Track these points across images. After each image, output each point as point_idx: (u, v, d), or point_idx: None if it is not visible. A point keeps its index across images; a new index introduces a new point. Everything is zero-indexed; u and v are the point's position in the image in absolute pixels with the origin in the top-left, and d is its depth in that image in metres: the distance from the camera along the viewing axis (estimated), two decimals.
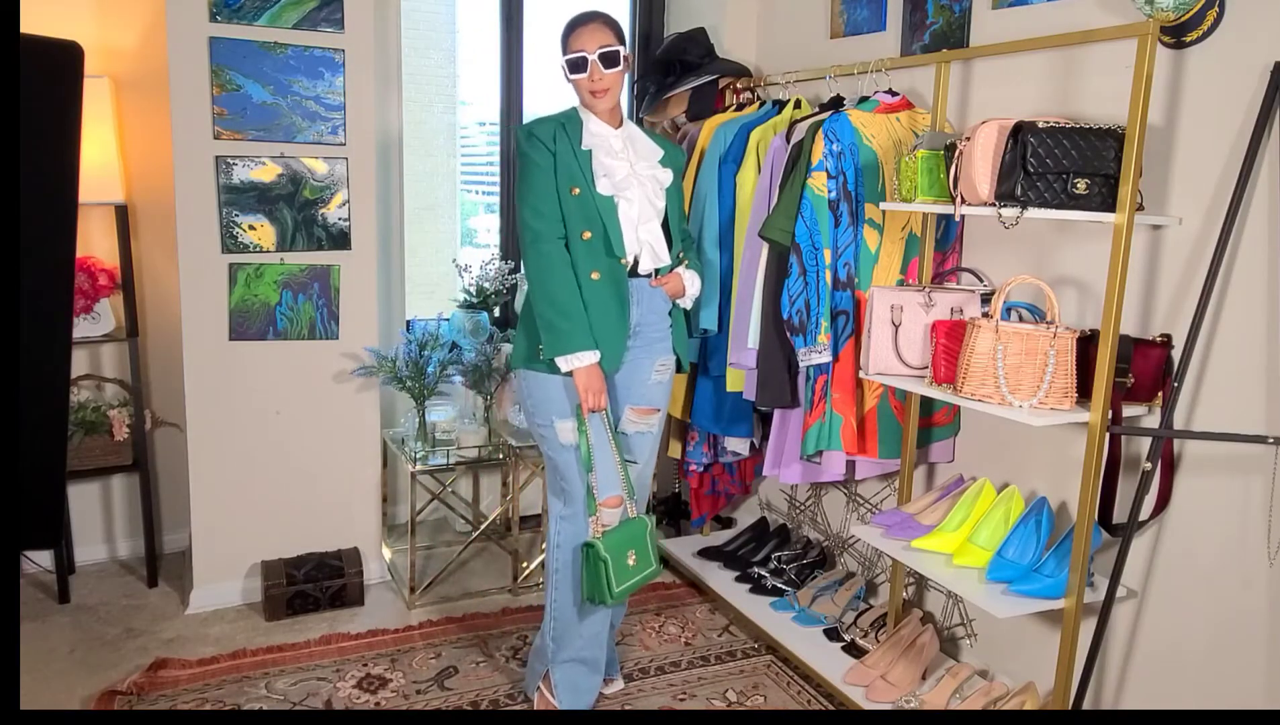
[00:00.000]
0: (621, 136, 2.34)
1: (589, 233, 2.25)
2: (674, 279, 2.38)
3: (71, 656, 2.69)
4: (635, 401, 2.41)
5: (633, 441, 2.45)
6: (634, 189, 2.30)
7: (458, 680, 2.64)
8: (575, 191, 2.24)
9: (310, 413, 3.07)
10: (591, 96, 2.28)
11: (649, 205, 2.32)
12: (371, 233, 3.06)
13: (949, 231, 2.59)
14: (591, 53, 2.23)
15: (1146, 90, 1.88)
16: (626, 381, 2.39)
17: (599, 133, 2.31)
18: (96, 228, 3.06)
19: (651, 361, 2.41)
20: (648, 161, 2.35)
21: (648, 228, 2.31)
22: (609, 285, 2.27)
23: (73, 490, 3.19)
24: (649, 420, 2.44)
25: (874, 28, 2.91)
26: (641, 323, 2.37)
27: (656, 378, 2.43)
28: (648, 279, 2.35)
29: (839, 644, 2.75)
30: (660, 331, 2.41)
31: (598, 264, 2.26)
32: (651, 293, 2.36)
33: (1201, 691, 2.07)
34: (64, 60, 1.17)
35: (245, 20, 2.79)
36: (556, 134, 2.27)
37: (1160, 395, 2.06)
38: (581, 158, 2.27)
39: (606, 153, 2.29)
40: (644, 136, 2.40)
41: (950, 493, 2.54)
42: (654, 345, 2.41)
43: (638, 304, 2.34)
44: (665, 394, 2.48)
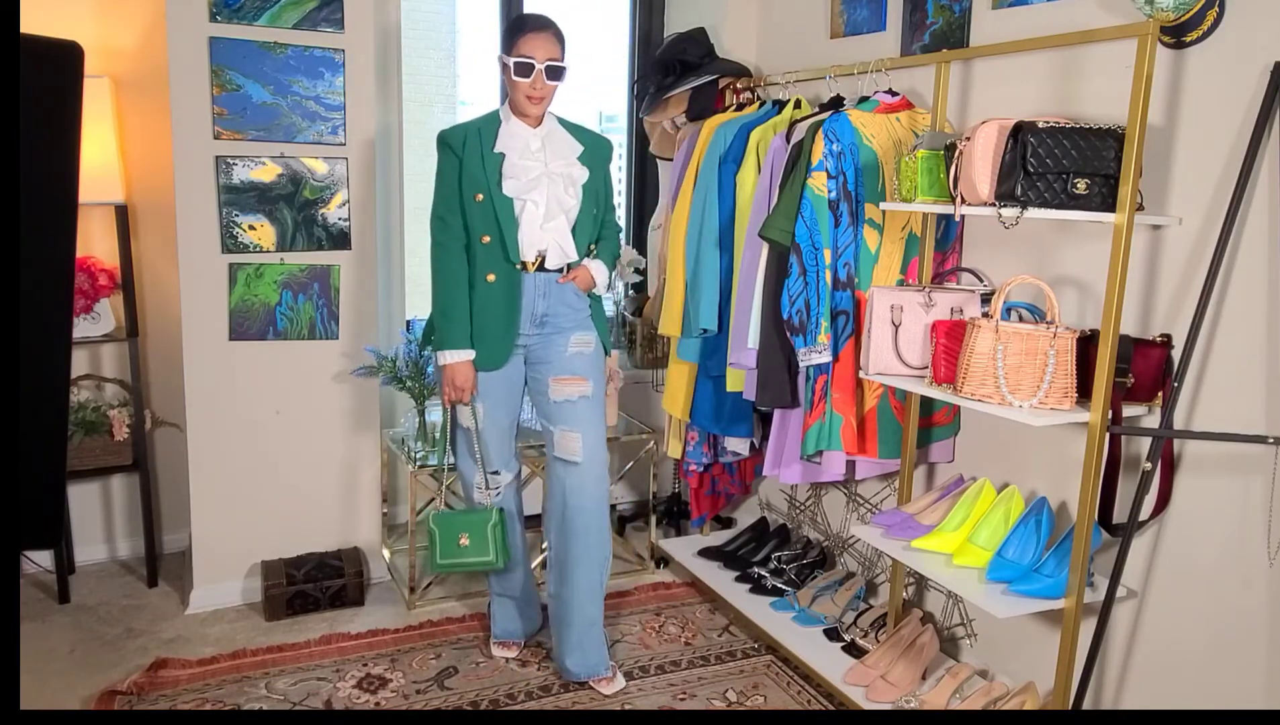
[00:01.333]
0: (540, 135, 2.44)
1: (488, 237, 2.40)
2: (581, 272, 2.51)
3: (71, 656, 2.69)
4: (556, 372, 2.52)
5: (564, 410, 2.52)
6: (541, 189, 2.40)
7: (458, 680, 2.64)
8: (479, 198, 2.38)
9: (310, 413, 3.07)
10: (527, 101, 2.38)
11: (556, 204, 2.43)
12: (371, 233, 3.06)
13: (949, 231, 2.59)
14: (540, 62, 2.33)
15: (1146, 90, 1.88)
16: (544, 357, 2.53)
17: (516, 134, 2.41)
18: (96, 228, 3.06)
19: (567, 337, 2.53)
20: (564, 159, 2.45)
21: (554, 226, 2.43)
22: (503, 288, 2.43)
23: (73, 490, 3.19)
24: (576, 388, 2.52)
25: (874, 28, 2.91)
26: (550, 313, 2.50)
27: (575, 350, 2.53)
28: (556, 274, 2.48)
29: (839, 644, 2.75)
30: (574, 320, 2.54)
31: (495, 267, 2.41)
32: (560, 287, 2.49)
33: (1201, 691, 2.07)
34: (64, 60, 1.17)
35: (245, 20, 2.79)
36: (467, 140, 2.39)
37: (1160, 395, 2.06)
38: (490, 162, 2.39)
39: (520, 154, 2.40)
40: (564, 133, 2.49)
41: (950, 493, 2.54)
42: (567, 331, 2.53)
43: (545, 296, 2.48)
44: (589, 366, 2.55)
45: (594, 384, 2.55)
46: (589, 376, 2.55)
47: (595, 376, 2.57)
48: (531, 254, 2.44)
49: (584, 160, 2.49)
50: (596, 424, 2.55)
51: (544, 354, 2.54)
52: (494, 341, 2.46)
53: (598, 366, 2.59)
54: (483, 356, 2.47)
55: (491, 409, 2.55)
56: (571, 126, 2.53)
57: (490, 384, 2.52)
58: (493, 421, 2.57)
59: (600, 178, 2.54)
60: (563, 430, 2.52)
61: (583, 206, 2.49)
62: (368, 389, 3.13)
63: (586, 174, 2.49)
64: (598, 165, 2.53)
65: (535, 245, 2.43)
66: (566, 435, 2.51)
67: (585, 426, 2.52)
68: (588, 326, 2.58)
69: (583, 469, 2.51)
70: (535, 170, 2.41)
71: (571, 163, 2.46)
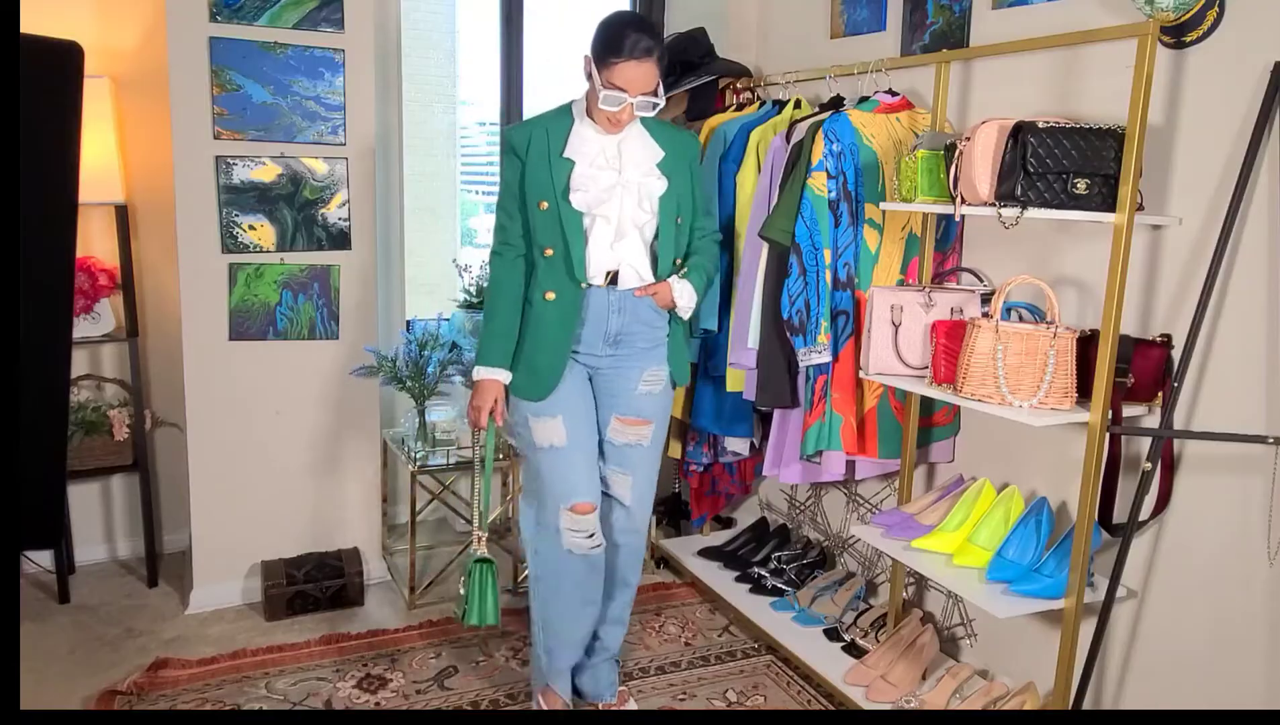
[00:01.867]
0: (616, 141, 2.18)
1: (551, 250, 2.16)
2: (662, 289, 2.22)
3: (71, 656, 2.69)
4: (621, 411, 2.31)
5: (621, 453, 2.34)
6: (614, 203, 2.16)
7: (458, 680, 2.64)
8: (543, 206, 2.14)
9: (310, 413, 3.07)
10: (608, 123, 2.13)
11: (629, 221, 2.18)
12: (371, 233, 3.06)
13: (949, 231, 2.59)
14: (633, 96, 2.06)
15: (1146, 90, 1.88)
16: (611, 389, 2.30)
17: (589, 139, 2.17)
18: (96, 228, 3.06)
19: (639, 371, 2.29)
20: (641, 169, 2.19)
21: (626, 245, 2.19)
22: (560, 308, 2.18)
23: (73, 490, 3.19)
24: (638, 431, 2.32)
25: (874, 28, 2.91)
26: (625, 332, 2.25)
27: (645, 388, 2.30)
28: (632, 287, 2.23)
29: (839, 644, 2.75)
30: (650, 341, 2.29)
31: (555, 284, 2.17)
32: (637, 302, 2.23)
33: (1201, 691, 2.07)
34: (64, 60, 1.17)
35: (245, 20, 2.79)
36: (533, 140, 2.16)
37: (1160, 395, 2.06)
38: (558, 168, 2.14)
39: (591, 162, 2.15)
40: (643, 137, 2.22)
41: (950, 493, 2.53)
42: (644, 355, 2.29)
43: (619, 312, 2.22)
44: (657, 407, 2.33)
45: (657, 426, 2.35)
46: (654, 419, 2.33)
47: (660, 417, 2.36)
48: (601, 275, 2.19)
49: (664, 168, 2.21)
50: (650, 467, 2.38)
51: (612, 385, 2.30)
52: (541, 370, 2.20)
53: (664, 406, 2.36)
54: (524, 383, 2.22)
55: (575, 427, 2.24)
56: (653, 126, 2.25)
57: (570, 400, 2.24)
58: (578, 442, 2.25)
59: (683, 183, 2.25)
60: (616, 471, 2.34)
61: (662, 221, 2.21)
62: (368, 389, 3.13)
63: (665, 185, 2.20)
64: (679, 170, 2.24)
65: (605, 265, 2.18)
66: (618, 476, 2.35)
67: (638, 471, 2.35)
68: (660, 357, 2.31)
69: (630, 513, 2.37)
70: (607, 180, 2.14)
71: (649, 172, 2.19)
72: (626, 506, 2.37)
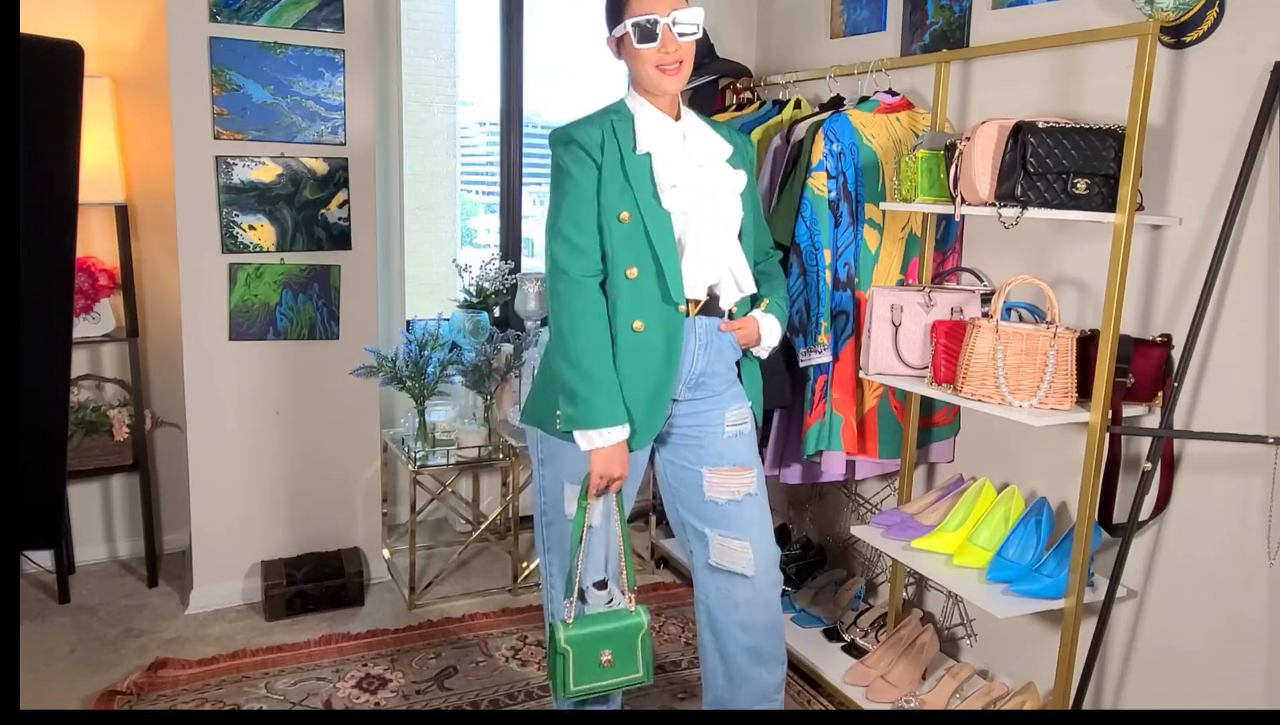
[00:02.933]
0: (681, 129, 1.86)
1: (635, 270, 1.79)
2: (749, 324, 1.92)
3: (71, 656, 2.69)
4: (713, 461, 1.92)
5: (726, 514, 1.92)
6: (707, 203, 1.83)
7: (458, 680, 2.64)
8: (624, 217, 1.78)
9: (310, 413, 3.07)
10: (659, 74, 1.78)
11: (723, 220, 1.86)
12: (371, 233, 3.06)
13: (949, 231, 2.59)
14: (664, 15, 1.74)
15: (1146, 90, 1.88)
16: (694, 436, 1.93)
17: (658, 127, 1.83)
18: (96, 228, 3.06)
19: (722, 413, 1.94)
20: (716, 162, 1.88)
21: (727, 249, 1.86)
22: (656, 339, 1.81)
23: (73, 490, 3.19)
24: (740, 480, 1.92)
25: (874, 28, 2.91)
26: (707, 373, 1.91)
27: (733, 429, 1.95)
28: (719, 318, 1.89)
29: (839, 644, 2.75)
30: (727, 380, 1.96)
31: (644, 312, 1.79)
32: (722, 337, 1.91)
33: (1201, 691, 2.07)
34: (64, 60, 1.17)
35: (245, 20, 2.79)
36: (605, 139, 1.80)
37: (1160, 395, 2.06)
38: (635, 167, 1.79)
39: (671, 155, 1.83)
40: (705, 128, 1.92)
41: (950, 493, 2.54)
42: (722, 395, 1.95)
43: (705, 349, 1.88)
44: (748, 448, 1.96)
45: (758, 473, 1.96)
46: (752, 464, 1.95)
47: (756, 463, 1.97)
48: (701, 289, 1.85)
49: (734, 163, 1.92)
50: (767, 526, 1.96)
51: (693, 432, 1.93)
52: (641, 414, 1.82)
53: (754, 447, 2.00)
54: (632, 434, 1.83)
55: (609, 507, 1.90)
56: (711, 122, 1.97)
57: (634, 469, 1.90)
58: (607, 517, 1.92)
59: (752, 189, 1.97)
60: (724, 537, 1.92)
61: (744, 225, 1.91)
62: (368, 389, 3.13)
63: (743, 179, 1.91)
64: (749, 170, 1.96)
65: (706, 277, 1.84)
66: (730, 543, 1.92)
67: (756, 532, 1.93)
68: (739, 394, 1.97)
69: (755, 584, 1.92)
70: (687, 175, 1.82)
71: (723, 167, 1.89)
72: (749, 576, 1.92)
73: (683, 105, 1.90)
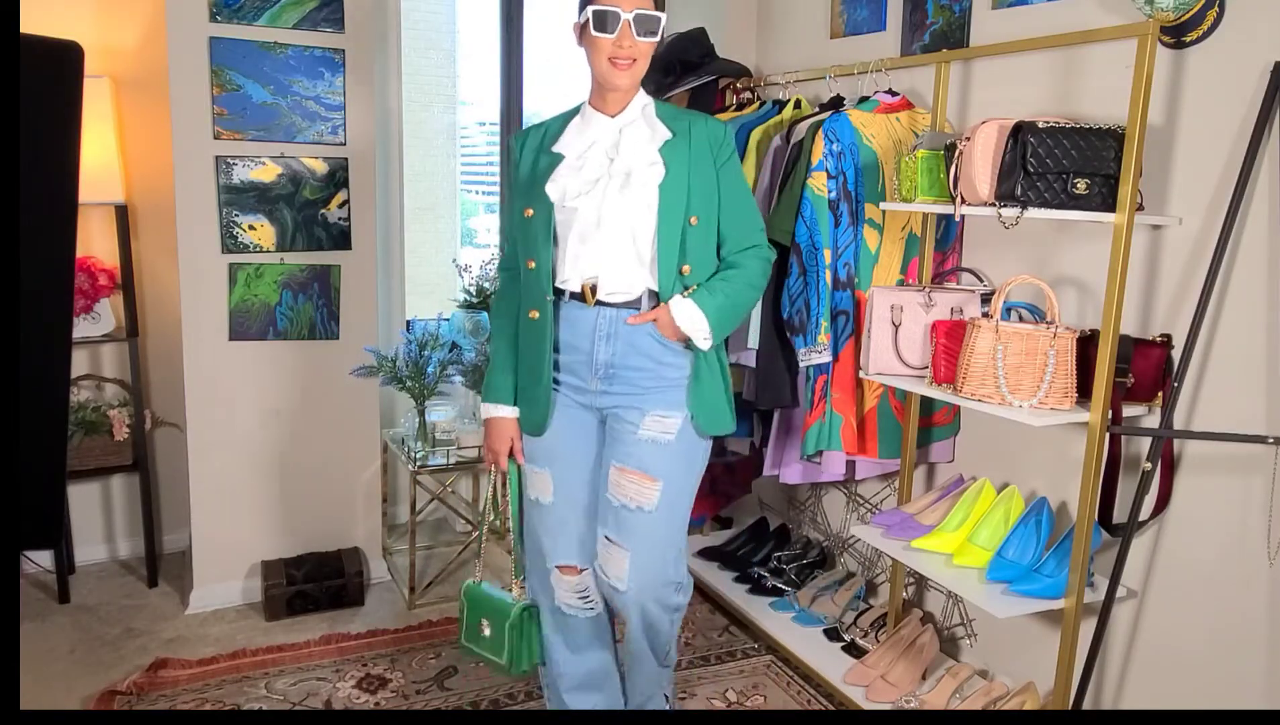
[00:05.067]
0: (617, 125, 1.86)
1: (534, 261, 1.88)
2: (660, 314, 1.84)
3: (71, 656, 2.69)
4: (619, 459, 1.90)
5: (617, 517, 1.88)
6: (592, 196, 1.82)
7: (458, 680, 2.64)
8: (528, 213, 1.88)
9: (310, 413, 3.07)
10: (611, 67, 1.79)
11: (612, 214, 1.82)
12: (371, 233, 3.06)
13: (949, 231, 2.59)
14: (627, 11, 1.75)
15: (1146, 90, 1.88)
16: (612, 433, 1.93)
17: (588, 128, 1.88)
18: (96, 228, 3.06)
19: (641, 414, 1.90)
20: (639, 153, 1.84)
21: (605, 244, 1.83)
22: (543, 327, 1.89)
23: (73, 490, 3.19)
24: (639, 490, 1.87)
25: (874, 28, 2.91)
26: (619, 366, 1.88)
27: (648, 434, 1.88)
28: (627, 311, 1.86)
29: (839, 644, 2.75)
30: (657, 382, 1.89)
31: (535, 301, 1.89)
32: (632, 329, 1.86)
33: (1201, 691, 2.07)
34: (64, 60, 1.17)
35: (245, 20, 2.79)
36: (528, 142, 1.93)
37: (1160, 395, 2.06)
38: (543, 166, 1.87)
39: (580, 153, 1.86)
40: (651, 120, 1.88)
41: (950, 493, 2.54)
42: (645, 394, 1.90)
43: (608, 339, 1.86)
44: (665, 462, 1.88)
45: (666, 488, 1.87)
46: (661, 477, 1.86)
47: (672, 477, 1.88)
48: (576, 281, 1.86)
49: (668, 152, 1.84)
50: (655, 541, 1.88)
51: (613, 427, 1.93)
52: (531, 400, 1.93)
53: (681, 462, 1.90)
54: (526, 416, 1.96)
55: (564, 479, 1.95)
56: (670, 112, 1.91)
57: (560, 447, 1.95)
58: (566, 496, 1.96)
59: (700, 176, 1.85)
60: (609, 543, 1.90)
61: (662, 216, 1.81)
62: (368, 389, 3.13)
63: (662, 171, 1.82)
64: (697, 159, 1.85)
65: (582, 270, 1.85)
66: (610, 549, 1.90)
67: (636, 544, 1.87)
68: (674, 401, 1.89)
69: (625, 598, 1.91)
70: (595, 172, 1.83)
71: (644, 157, 1.83)
72: (621, 592, 1.90)
73: (639, 100, 1.89)
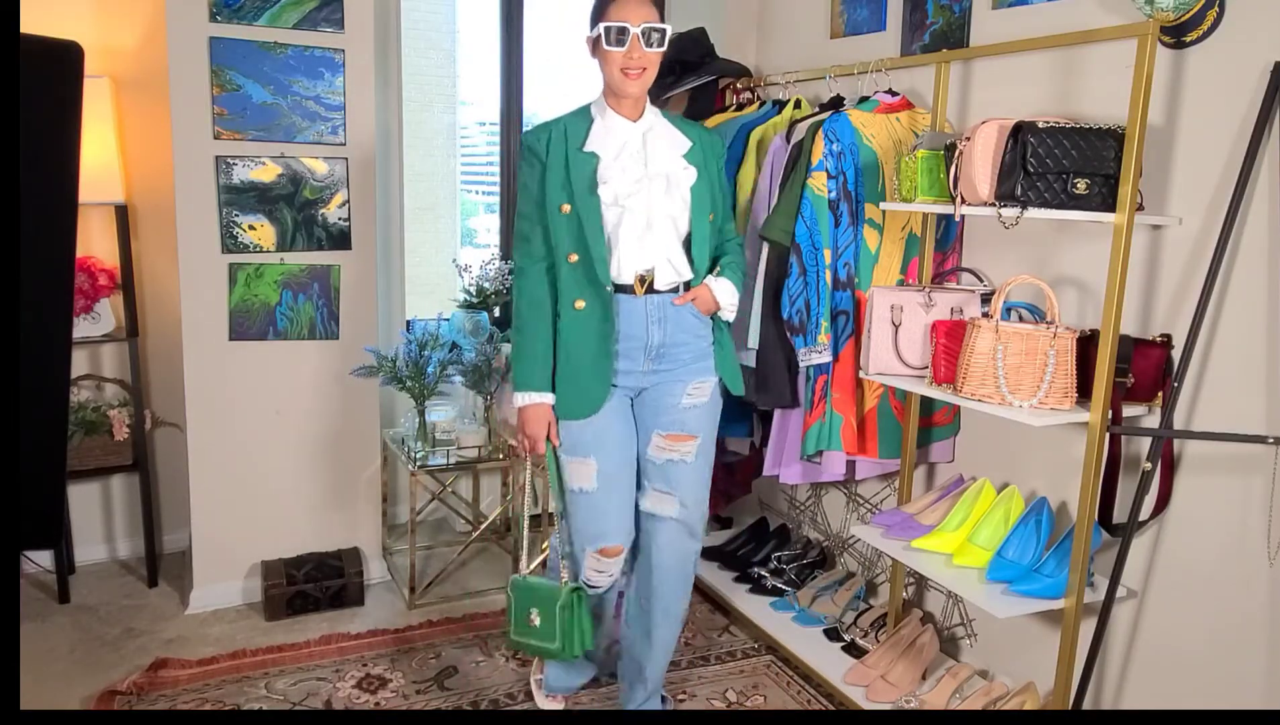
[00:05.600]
0: (641, 130, 2.09)
1: (576, 256, 2.06)
2: (702, 292, 2.12)
3: (71, 656, 2.69)
4: (664, 427, 2.17)
5: (663, 471, 2.18)
6: (642, 195, 2.06)
7: (458, 680, 2.64)
8: (565, 209, 2.05)
9: (310, 413, 3.07)
10: (623, 76, 2.01)
11: (661, 212, 2.08)
12: (371, 233, 3.06)
13: (949, 231, 2.59)
14: (635, 25, 1.98)
15: (1146, 90, 1.88)
16: (654, 406, 2.17)
17: (613, 130, 2.08)
18: (96, 228, 3.06)
19: (683, 385, 2.17)
20: (667, 158, 2.09)
21: (658, 238, 2.07)
22: (593, 317, 2.07)
23: (73, 490, 3.19)
24: (682, 447, 2.17)
25: (874, 28, 2.91)
26: (668, 343, 2.13)
27: (689, 402, 2.17)
28: (671, 295, 2.11)
29: (839, 644, 2.75)
30: (695, 352, 2.17)
31: (584, 292, 2.07)
32: (679, 311, 2.12)
33: (1201, 691, 2.07)
34: (64, 60, 1.17)
35: (245, 20, 2.79)
36: (553, 140, 2.07)
37: (1160, 395, 2.06)
38: (579, 165, 2.05)
39: (616, 154, 2.06)
40: (668, 127, 2.14)
41: (950, 493, 2.54)
42: (687, 366, 2.17)
43: (661, 323, 2.11)
44: (704, 420, 2.19)
45: (704, 440, 2.20)
46: (699, 433, 2.18)
47: (707, 430, 2.21)
48: (631, 274, 2.07)
49: (691, 158, 2.11)
50: (698, 487, 2.21)
51: (655, 400, 2.17)
52: (584, 383, 2.09)
53: (711, 418, 2.22)
54: (570, 402, 2.11)
55: (607, 465, 2.13)
56: (677, 120, 2.18)
57: (605, 433, 2.13)
58: (610, 482, 2.14)
59: (713, 179, 2.17)
60: (657, 490, 2.19)
61: (694, 214, 2.10)
62: (368, 389, 3.13)
63: (694, 175, 2.10)
64: (709, 164, 2.15)
65: (638, 263, 2.07)
66: (660, 496, 2.19)
67: (684, 490, 2.18)
68: (707, 367, 2.19)
69: (670, 527, 2.19)
70: (636, 172, 2.05)
71: (676, 161, 2.09)
72: (670, 517, 2.19)
73: (650, 107, 2.13)
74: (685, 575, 2.27)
